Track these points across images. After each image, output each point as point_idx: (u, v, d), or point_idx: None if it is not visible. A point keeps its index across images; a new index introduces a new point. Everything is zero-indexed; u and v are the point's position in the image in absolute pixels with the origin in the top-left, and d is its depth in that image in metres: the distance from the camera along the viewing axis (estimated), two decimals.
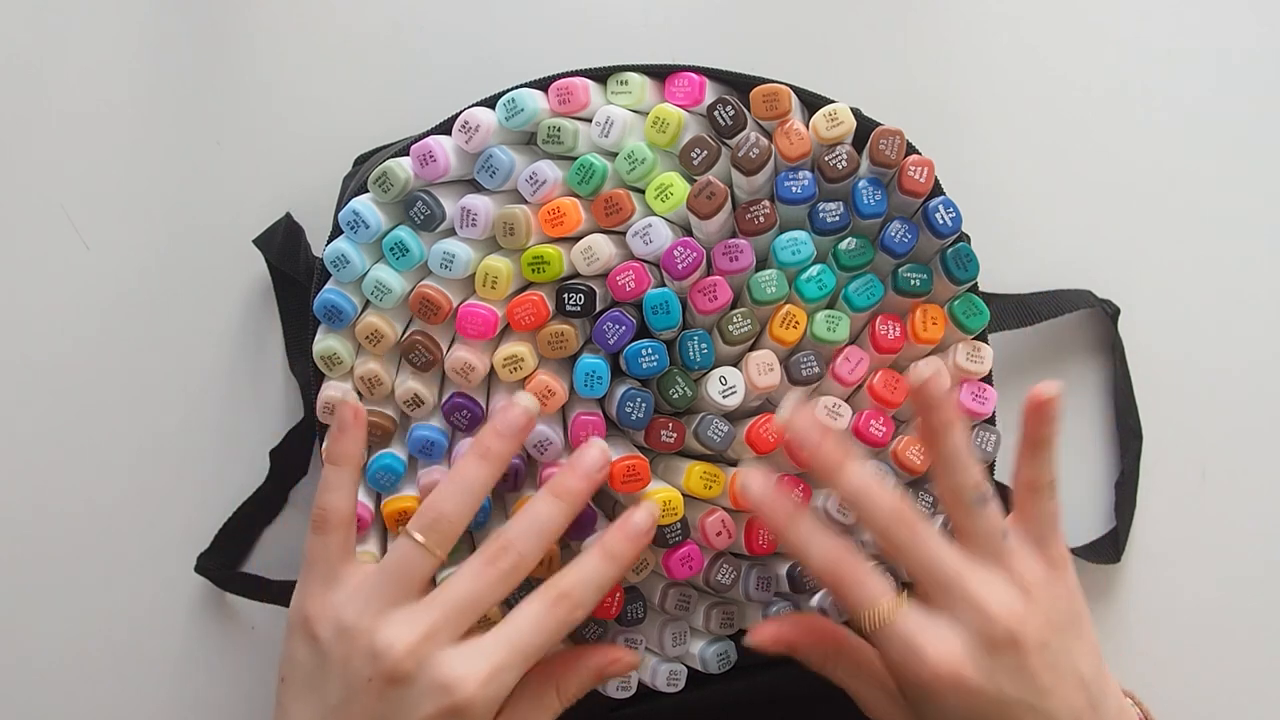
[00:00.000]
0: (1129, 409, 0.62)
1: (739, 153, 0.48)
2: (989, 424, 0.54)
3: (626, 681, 0.54)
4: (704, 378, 0.51)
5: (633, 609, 0.53)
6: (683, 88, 0.50)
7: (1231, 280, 0.64)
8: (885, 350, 0.51)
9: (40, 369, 0.61)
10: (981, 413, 0.53)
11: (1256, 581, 0.64)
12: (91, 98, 0.61)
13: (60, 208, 0.61)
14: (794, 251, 0.50)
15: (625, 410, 0.50)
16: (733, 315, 0.50)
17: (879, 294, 0.51)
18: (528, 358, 0.50)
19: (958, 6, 0.64)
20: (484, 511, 0.51)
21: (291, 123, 0.61)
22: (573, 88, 0.50)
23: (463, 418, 0.51)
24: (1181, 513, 0.64)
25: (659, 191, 0.49)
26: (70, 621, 0.61)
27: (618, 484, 0.50)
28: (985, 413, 0.53)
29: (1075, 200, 0.64)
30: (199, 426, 0.61)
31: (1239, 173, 0.64)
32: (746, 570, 0.53)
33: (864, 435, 0.52)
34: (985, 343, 0.53)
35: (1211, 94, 0.64)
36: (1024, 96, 0.64)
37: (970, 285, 0.52)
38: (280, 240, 0.58)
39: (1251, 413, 0.64)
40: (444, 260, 0.49)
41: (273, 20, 0.62)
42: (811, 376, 0.51)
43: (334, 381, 0.52)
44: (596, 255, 0.49)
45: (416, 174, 0.49)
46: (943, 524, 0.52)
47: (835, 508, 0.52)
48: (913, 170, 0.49)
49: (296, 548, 0.61)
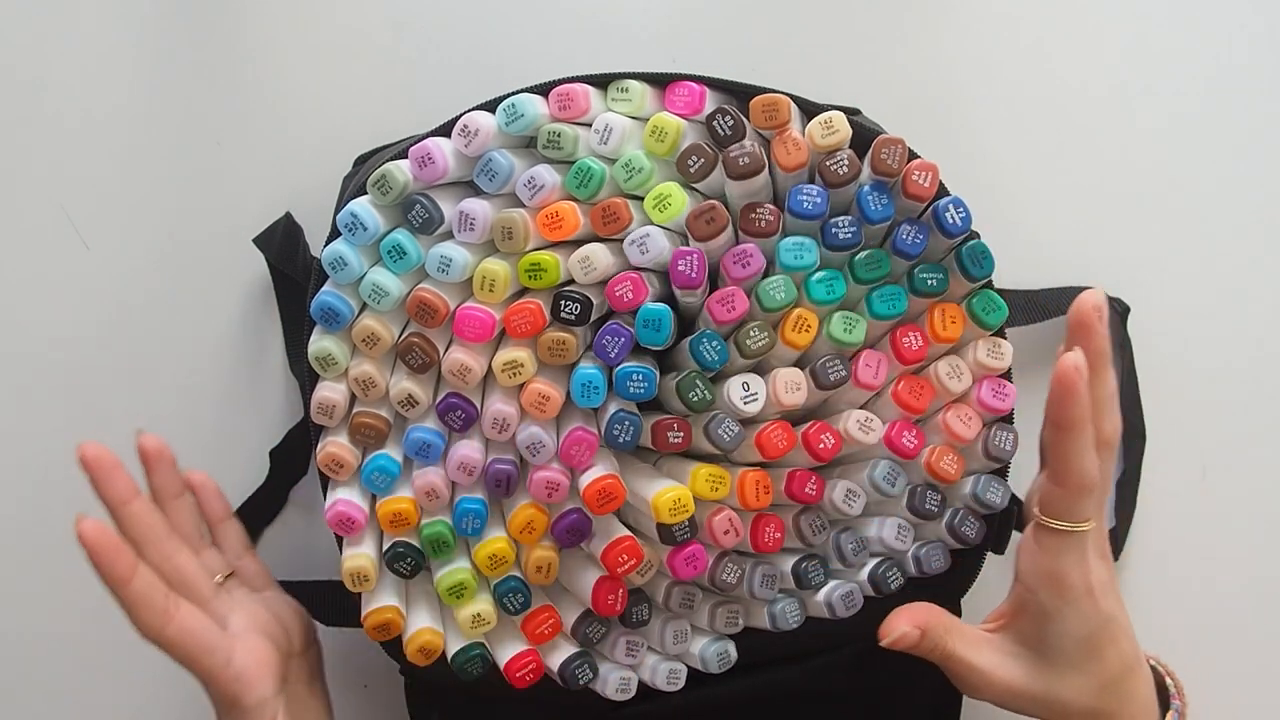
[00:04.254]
0: (1134, 408, 0.62)
1: (729, 158, 0.48)
2: (1006, 421, 0.54)
3: (626, 682, 0.54)
4: (725, 382, 0.51)
5: (637, 610, 0.53)
6: (683, 97, 0.50)
7: (1235, 281, 0.64)
8: (909, 360, 0.51)
9: (40, 368, 0.61)
10: (1001, 409, 0.53)
11: (1256, 581, 0.64)
12: (92, 98, 0.61)
13: (60, 208, 0.61)
14: (798, 255, 0.49)
15: (613, 432, 0.50)
16: (749, 329, 0.50)
17: (902, 307, 0.51)
18: (527, 363, 0.50)
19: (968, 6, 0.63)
20: (479, 517, 0.51)
21: (291, 123, 0.61)
22: (573, 94, 0.49)
23: (457, 418, 0.51)
24: (1181, 513, 0.64)
25: (657, 201, 0.49)
26: (70, 621, 0.62)
27: (594, 507, 0.50)
28: (1005, 409, 0.53)
29: (1079, 201, 0.64)
30: (199, 426, 0.61)
31: (1246, 175, 0.64)
32: (751, 568, 0.53)
33: (896, 446, 0.52)
34: (1004, 338, 0.53)
35: (1224, 92, 0.64)
36: (1031, 95, 0.63)
37: (986, 281, 0.52)
38: (280, 240, 0.58)
39: (1252, 413, 0.64)
40: (441, 264, 0.49)
41: (273, 21, 0.61)
42: (839, 380, 0.50)
43: (329, 383, 0.52)
44: (594, 265, 0.49)
45: (415, 176, 0.49)
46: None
47: (842, 497, 0.52)
48: (917, 175, 0.49)
49: (297, 548, 0.62)
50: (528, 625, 0.52)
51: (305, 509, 0.62)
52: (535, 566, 0.51)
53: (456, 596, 0.51)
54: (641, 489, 0.51)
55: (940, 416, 0.53)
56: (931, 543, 0.55)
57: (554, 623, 0.53)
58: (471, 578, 0.51)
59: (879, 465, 0.52)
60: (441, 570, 0.52)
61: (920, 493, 0.53)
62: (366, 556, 0.51)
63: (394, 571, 0.51)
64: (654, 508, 0.49)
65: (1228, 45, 0.64)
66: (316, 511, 0.61)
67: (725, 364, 0.50)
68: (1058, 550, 0.49)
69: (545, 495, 0.50)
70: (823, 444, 0.51)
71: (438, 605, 0.54)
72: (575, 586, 0.53)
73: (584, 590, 0.52)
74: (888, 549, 0.54)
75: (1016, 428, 0.53)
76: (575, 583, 0.53)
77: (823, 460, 0.51)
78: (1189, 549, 0.64)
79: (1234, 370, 0.64)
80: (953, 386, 0.52)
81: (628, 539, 0.51)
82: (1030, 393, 0.51)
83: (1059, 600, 0.49)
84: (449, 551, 0.51)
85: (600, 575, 0.52)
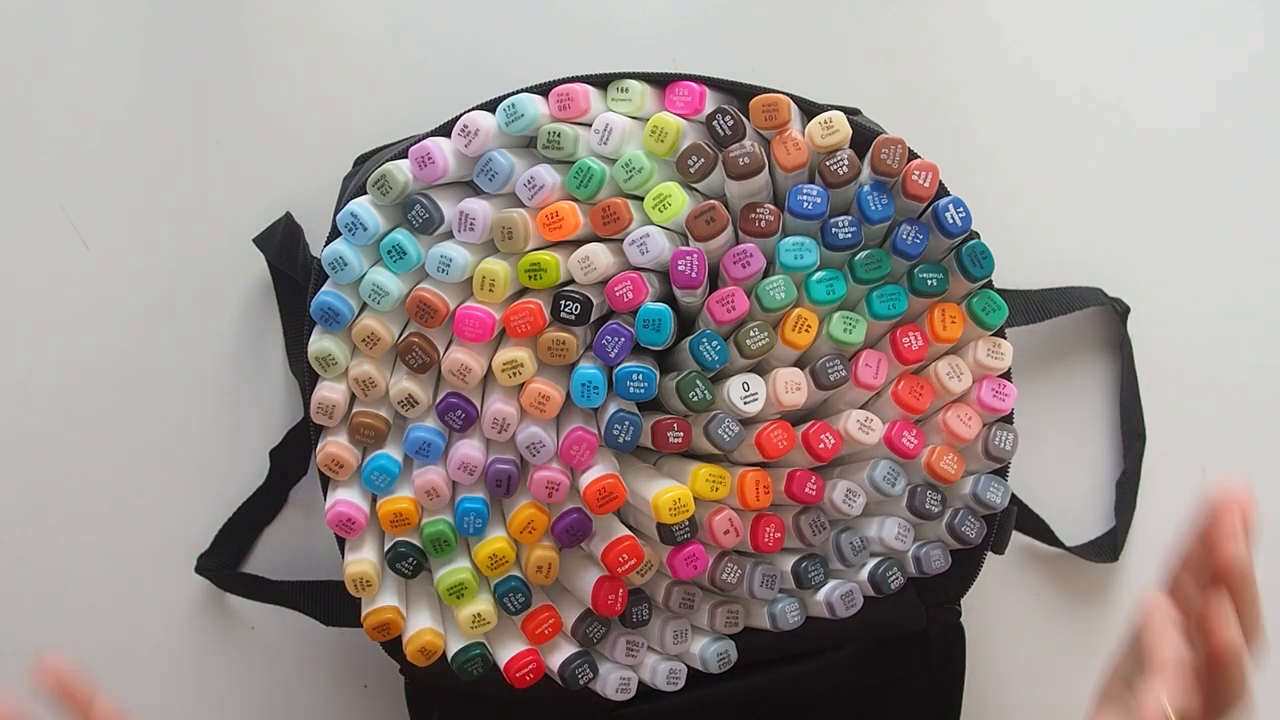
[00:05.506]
0: (1134, 408, 0.62)
1: (728, 158, 0.48)
2: (1007, 421, 0.54)
3: (626, 682, 0.54)
4: (725, 382, 0.51)
5: (638, 611, 0.53)
6: (683, 97, 0.50)
7: (1235, 282, 0.64)
8: (909, 361, 0.51)
9: (40, 369, 0.61)
10: (1001, 409, 0.53)
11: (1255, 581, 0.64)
12: (92, 98, 0.61)
13: (60, 207, 0.61)
14: (798, 255, 0.49)
15: (613, 432, 0.50)
16: (749, 329, 0.50)
17: (902, 307, 0.51)
18: (527, 363, 0.50)
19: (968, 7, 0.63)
20: (481, 517, 0.51)
21: (291, 123, 0.61)
22: (573, 94, 0.49)
23: (457, 418, 0.51)
24: (1181, 513, 0.64)
25: (657, 201, 0.49)
26: (71, 621, 0.62)
27: (594, 507, 0.50)
28: (1005, 409, 0.53)
29: (1079, 201, 0.64)
30: (199, 426, 0.61)
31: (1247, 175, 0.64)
32: (751, 568, 0.53)
33: (896, 446, 0.52)
34: (1004, 338, 0.53)
35: (1225, 92, 0.64)
36: (1032, 95, 0.64)
37: (986, 281, 0.52)
38: (280, 240, 0.58)
39: (1252, 414, 0.64)
40: (441, 263, 0.49)
41: (273, 21, 0.61)
42: (839, 380, 0.51)
43: (329, 383, 0.52)
44: (594, 265, 0.49)
45: (415, 176, 0.49)
46: None
47: (841, 497, 0.52)
48: (917, 175, 0.49)
49: (297, 547, 0.62)
50: (528, 625, 0.52)
51: (305, 509, 0.62)
52: (536, 566, 0.51)
53: (457, 596, 0.51)
54: (641, 489, 0.51)
55: (940, 416, 0.53)
56: (931, 543, 0.55)
57: (554, 622, 0.53)
58: (472, 578, 0.51)
59: (879, 465, 0.52)
60: (442, 570, 0.52)
61: (920, 493, 0.53)
62: (368, 562, 0.51)
63: (396, 571, 0.51)
64: (654, 508, 0.49)
65: (1229, 47, 0.64)
66: (316, 511, 0.61)
67: (725, 364, 0.50)
68: None
69: (545, 495, 0.50)
70: (823, 444, 0.51)
71: (438, 605, 0.54)
72: (575, 586, 0.53)
73: (584, 590, 0.52)
74: (888, 549, 0.54)
75: (1016, 428, 0.53)
76: (575, 582, 0.53)
77: (823, 460, 0.51)
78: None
79: (1234, 370, 0.64)
80: (953, 386, 0.52)
81: (628, 539, 0.51)
82: (1030, 393, 0.51)
83: None
84: (450, 551, 0.51)
85: (600, 575, 0.52)
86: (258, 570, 0.61)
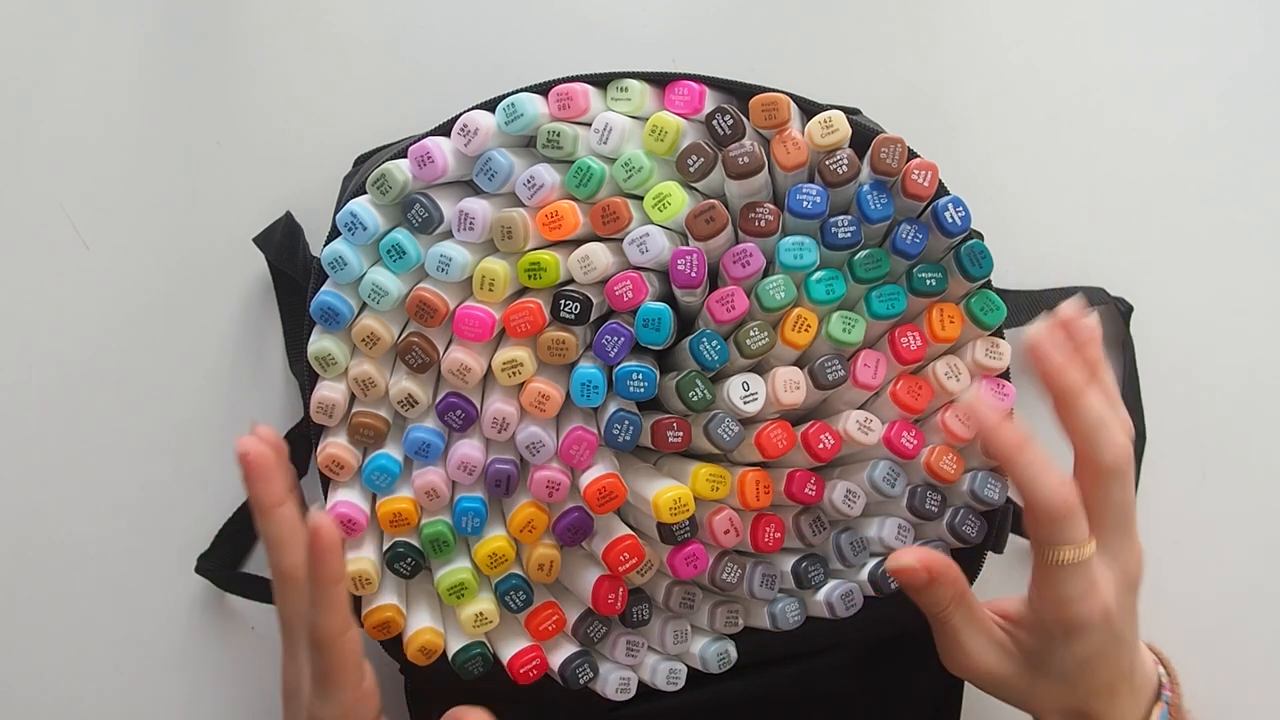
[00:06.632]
0: (1135, 408, 0.62)
1: (728, 157, 0.48)
2: None
3: (626, 682, 0.54)
4: (725, 382, 0.51)
5: (638, 610, 0.53)
6: (682, 96, 0.50)
7: (1237, 282, 0.64)
8: (908, 360, 0.51)
9: (40, 369, 0.61)
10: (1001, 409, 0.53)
11: (1256, 582, 0.64)
12: (92, 97, 0.61)
13: (60, 207, 0.61)
14: (797, 255, 0.49)
15: (613, 432, 0.50)
16: (749, 329, 0.50)
17: (901, 307, 0.51)
18: (527, 363, 0.50)
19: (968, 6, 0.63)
20: (479, 516, 0.51)
21: (291, 123, 0.61)
22: (573, 93, 0.49)
23: (457, 418, 0.51)
24: (1181, 513, 0.64)
25: (657, 200, 0.49)
26: (71, 622, 0.62)
27: (595, 506, 0.50)
28: (1005, 409, 0.53)
29: (1079, 201, 0.64)
30: (199, 426, 0.61)
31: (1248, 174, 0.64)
32: (751, 568, 0.53)
33: (895, 447, 0.52)
34: (1002, 338, 0.53)
35: (1226, 92, 0.64)
36: (1032, 94, 0.63)
37: (984, 281, 0.52)
38: (280, 240, 0.58)
39: (1252, 414, 0.64)
40: (441, 263, 0.49)
41: (273, 20, 0.61)
42: (837, 380, 0.51)
43: (329, 382, 0.52)
44: (594, 264, 0.49)
45: (414, 175, 0.49)
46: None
47: (841, 498, 0.52)
48: (916, 174, 0.49)
49: None
50: (532, 622, 0.52)
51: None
52: (537, 564, 0.52)
53: (457, 596, 0.51)
54: (642, 488, 0.51)
55: (939, 416, 0.53)
56: (931, 542, 0.55)
57: (558, 619, 0.53)
58: (472, 577, 0.51)
59: (879, 466, 0.52)
60: (442, 570, 0.52)
61: (920, 493, 0.53)
62: (368, 560, 0.51)
63: (394, 571, 0.51)
64: (654, 507, 0.49)
65: (1231, 47, 0.64)
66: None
67: (725, 364, 0.50)
68: (1060, 580, 0.47)
69: (546, 494, 0.50)
70: (822, 444, 0.51)
71: (438, 605, 0.54)
72: (575, 585, 0.53)
73: (584, 589, 0.52)
74: (888, 549, 0.54)
75: None
76: (575, 581, 0.53)
77: (822, 460, 0.51)
78: (1189, 549, 0.64)
79: (1235, 371, 0.64)
80: (951, 386, 0.52)
81: (629, 538, 0.51)
82: (1029, 393, 0.51)
83: (1068, 633, 0.47)
84: (449, 551, 0.51)
85: (601, 574, 0.52)
86: (258, 570, 0.61)
